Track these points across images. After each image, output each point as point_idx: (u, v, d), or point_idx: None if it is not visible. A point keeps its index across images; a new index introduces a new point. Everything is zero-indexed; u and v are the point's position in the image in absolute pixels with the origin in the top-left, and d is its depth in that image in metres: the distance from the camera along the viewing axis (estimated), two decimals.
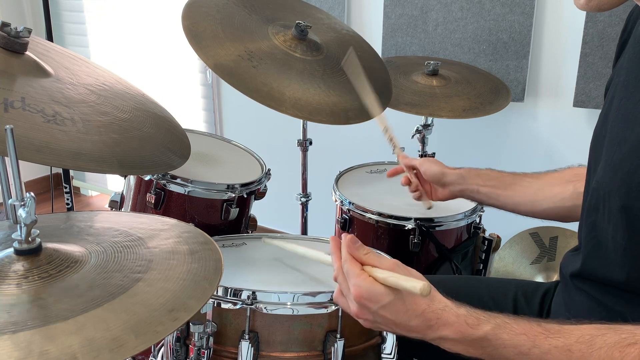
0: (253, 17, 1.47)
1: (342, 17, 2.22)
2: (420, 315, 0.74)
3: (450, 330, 0.73)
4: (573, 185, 1.09)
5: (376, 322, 0.77)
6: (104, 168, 0.96)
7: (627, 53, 0.87)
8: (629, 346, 0.65)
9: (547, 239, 2.01)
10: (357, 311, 0.77)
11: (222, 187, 1.36)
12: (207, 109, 2.77)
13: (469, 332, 0.73)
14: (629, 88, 0.82)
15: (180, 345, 0.96)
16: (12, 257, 0.71)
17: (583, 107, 1.87)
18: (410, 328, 0.75)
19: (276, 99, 1.29)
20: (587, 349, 0.68)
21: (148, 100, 1.22)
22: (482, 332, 0.73)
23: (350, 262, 0.77)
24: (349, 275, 0.77)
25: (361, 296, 0.74)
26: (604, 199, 0.82)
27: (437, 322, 0.74)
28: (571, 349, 0.68)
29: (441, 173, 1.21)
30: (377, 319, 0.76)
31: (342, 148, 2.39)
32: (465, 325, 0.73)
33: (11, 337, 0.60)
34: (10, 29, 1.01)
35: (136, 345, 0.60)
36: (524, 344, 0.71)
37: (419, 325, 0.74)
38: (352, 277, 0.76)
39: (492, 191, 1.18)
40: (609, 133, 0.83)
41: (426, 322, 0.74)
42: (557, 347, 0.69)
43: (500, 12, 1.92)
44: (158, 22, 2.78)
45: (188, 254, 0.79)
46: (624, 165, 0.77)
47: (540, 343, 0.70)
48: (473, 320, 0.73)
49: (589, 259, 0.88)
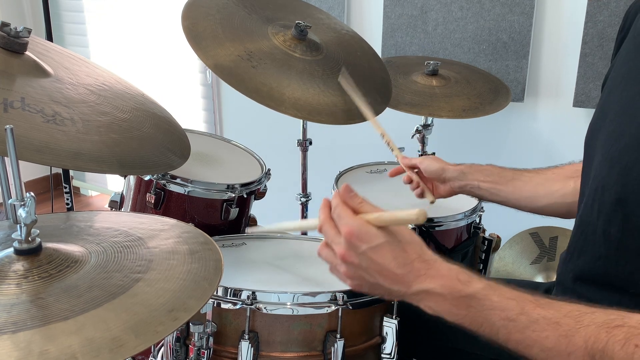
0: (253, 17, 1.47)
1: (342, 17, 2.22)
2: (409, 264, 0.72)
3: (439, 283, 0.71)
4: (574, 181, 1.09)
5: (360, 267, 0.74)
6: (104, 168, 0.96)
7: (625, 47, 0.87)
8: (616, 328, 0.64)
9: (547, 239, 2.01)
10: (344, 252, 0.74)
11: (222, 187, 1.36)
12: (207, 109, 2.77)
13: (459, 287, 0.71)
14: (627, 81, 0.81)
15: (180, 345, 0.96)
16: (12, 257, 0.71)
17: (583, 107, 1.87)
18: (395, 277, 0.72)
19: (276, 99, 1.29)
20: (575, 324, 0.66)
21: (148, 100, 1.22)
22: (472, 290, 0.71)
23: (342, 206, 0.75)
24: (340, 217, 0.74)
25: (352, 233, 0.72)
26: (597, 192, 0.81)
27: (427, 273, 0.72)
28: (559, 322, 0.67)
29: (441, 169, 1.21)
30: (363, 262, 0.73)
31: (342, 148, 2.39)
32: (456, 280, 0.71)
33: (11, 336, 0.60)
34: (10, 29, 1.01)
35: (136, 345, 0.61)
36: (513, 308, 0.69)
37: (405, 274, 0.72)
38: (343, 218, 0.73)
39: (493, 187, 1.18)
40: (607, 126, 0.83)
41: (414, 272, 0.72)
42: (546, 317, 0.68)
43: (500, 12, 1.92)
44: (158, 22, 2.78)
45: (188, 254, 0.79)
46: (622, 159, 0.76)
47: (529, 311, 0.69)
48: (465, 276, 0.72)
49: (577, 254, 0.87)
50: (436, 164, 1.22)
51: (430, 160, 1.23)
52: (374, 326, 0.97)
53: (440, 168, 1.21)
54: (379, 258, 0.72)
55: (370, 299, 0.94)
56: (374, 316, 0.97)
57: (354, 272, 0.75)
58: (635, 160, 0.74)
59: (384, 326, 0.96)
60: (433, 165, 1.22)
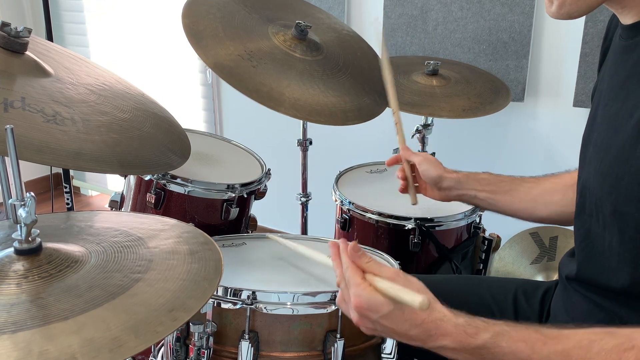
0: (253, 16, 1.46)
1: (342, 17, 2.22)
2: (419, 326, 0.75)
3: (450, 340, 0.74)
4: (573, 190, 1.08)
5: (376, 330, 0.78)
6: (104, 168, 0.96)
7: (608, 60, 0.88)
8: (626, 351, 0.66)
9: (547, 239, 2.01)
10: (357, 320, 0.78)
11: (222, 187, 1.36)
12: (207, 109, 2.77)
13: (468, 341, 0.74)
14: (611, 95, 0.83)
15: (180, 345, 0.96)
16: (12, 256, 0.71)
17: (583, 107, 1.87)
18: (410, 337, 0.76)
19: (275, 99, 1.29)
20: (585, 354, 0.68)
21: (148, 100, 1.22)
22: (480, 341, 0.73)
23: (351, 270, 0.78)
24: (349, 284, 0.77)
25: (361, 306, 0.75)
26: (597, 205, 0.83)
27: (437, 332, 0.75)
28: (570, 354, 0.69)
29: (439, 177, 1.19)
30: (378, 327, 0.77)
31: (342, 148, 2.39)
32: (464, 335, 0.74)
33: (11, 336, 0.60)
34: (10, 29, 1.01)
35: (136, 345, 0.60)
36: (523, 350, 0.71)
37: (418, 334, 0.76)
38: (352, 287, 0.77)
39: (490, 197, 1.17)
40: (595, 139, 0.85)
41: (426, 332, 0.75)
42: (556, 352, 0.70)
43: (500, 12, 1.92)
44: (158, 21, 2.78)
45: (188, 254, 0.79)
46: (612, 172, 0.78)
47: (539, 349, 0.71)
48: (472, 329, 0.74)
49: (584, 265, 0.88)
50: (434, 171, 1.20)
51: (428, 165, 1.21)
52: None
53: (437, 176, 1.19)
54: (390, 324, 0.76)
55: None
56: None
57: (373, 332, 0.79)
58: (624, 173, 0.75)
59: None
60: (431, 172, 1.20)
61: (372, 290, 0.76)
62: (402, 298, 0.73)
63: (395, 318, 0.75)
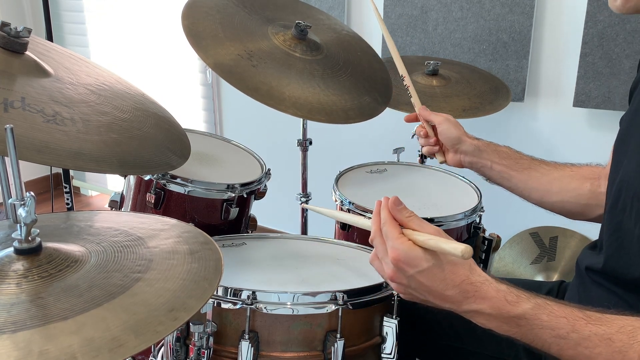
0: (253, 17, 1.47)
1: (342, 18, 2.22)
2: (457, 286, 0.72)
3: (487, 305, 0.71)
4: (590, 183, 1.07)
5: (410, 287, 0.74)
6: (104, 168, 0.96)
7: None
8: None
9: (547, 239, 2.01)
10: (392, 274, 0.74)
11: (222, 187, 1.36)
12: (207, 109, 2.77)
13: (507, 308, 0.71)
14: None
15: (180, 345, 0.95)
16: (12, 256, 0.71)
17: (583, 107, 1.87)
18: (444, 297, 0.73)
19: (275, 97, 1.29)
20: (629, 340, 0.66)
21: (148, 100, 1.22)
22: (520, 310, 0.71)
23: (390, 223, 0.75)
24: (387, 236, 0.75)
25: (399, 259, 0.72)
26: (632, 200, 0.80)
27: (475, 295, 0.72)
28: (612, 338, 0.67)
29: (458, 139, 1.16)
30: (412, 284, 0.74)
31: (342, 148, 2.39)
32: (504, 302, 0.71)
33: (11, 336, 0.60)
34: (10, 29, 1.01)
35: (136, 345, 0.60)
36: (563, 327, 0.69)
37: (454, 295, 0.72)
38: (390, 239, 0.74)
39: (506, 171, 1.13)
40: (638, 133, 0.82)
41: (463, 294, 0.72)
42: (598, 334, 0.67)
43: (500, 12, 1.92)
44: (158, 22, 2.78)
45: (188, 253, 0.79)
46: None
47: (580, 328, 0.68)
48: (513, 297, 0.71)
49: (612, 259, 0.85)
50: (454, 131, 1.16)
51: (449, 124, 1.17)
52: (374, 326, 0.97)
53: (457, 137, 1.16)
54: (427, 281, 0.73)
55: (371, 299, 0.94)
56: (374, 316, 0.97)
57: (404, 290, 0.76)
58: None
59: (384, 326, 0.96)
60: (452, 132, 1.16)
61: (411, 244, 0.73)
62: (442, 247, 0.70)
63: (433, 275, 0.72)
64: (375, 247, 0.78)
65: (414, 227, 0.75)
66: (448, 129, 1.17)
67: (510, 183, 1.14)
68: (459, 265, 0.73)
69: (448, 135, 1.17)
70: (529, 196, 1.13)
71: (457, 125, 1.18)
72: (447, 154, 1.20)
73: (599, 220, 1.02)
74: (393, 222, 0.76)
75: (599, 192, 1.04)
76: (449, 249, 0.69)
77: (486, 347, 1.05)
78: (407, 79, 1.25)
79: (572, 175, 1.10)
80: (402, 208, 0.76)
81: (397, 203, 0.76)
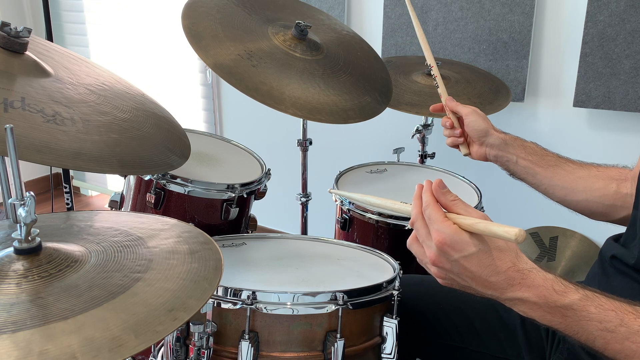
0: (253, 17, 1.47)
1: (342, 17, 2.22)
2: (504, 272, 0.70)
3: (534, 293, 0.70)
4: (616, 184, 1.05)
5: (452, 272, 0.73)
6: (104, 168, 0.96)
7: None
8: None
9: (547, 239, 2.01)
10: (435, 258, 0.72)
11: (222, 187, 1.36)
12: (207, 109, 2.77)
13: (554, 298, 0.69)
14: None
15: (180, 345, 0.95)
16: (12, 256, 0.71)
17: (583, 107, 1.87)
18: (488, 284, 0.71)
19: (275, 97, 1.29)
20: None
21: (148, 100, 1.22)
22: (568, 300, 0.69)
23: (433, 206, 0.73)
24: (431, 220, 0.72)
25: (444, 242, 0.70)
26: None
27: (522, 282, 0.70)
28: None
29: (485, 131, 1.15)
30: (455, 269, 0.72)
31: (342, 148, 2.39)
32: (552, 290, 0.70)
33: (11, 336, 0.60)
34: (10, 29, 1.01)
35: (136, 345, 0.60)
36: (612, 320, 0.68)
37: (499, 282, 0.71)
38: (435, 222, 0.72)
39: (531, 167, 1.12)
40: None
41: (508, 280, 0.70)
42: None
43: (500, 12, 1.92)
44: (158, 22, 2.78)
45: (188, 253, 0.79)
46: None
47: (629, 322, 0.68)
48: (561, 286, 0.70)
49: None
50: (482, 123, 1.15)
51: (476, 116, 1.15)
52: (374, 326, 0.97)
53: (484, 129, 1.14)
54: (472, 266, 0.71)
55: (371, 299, 0.94)
56: (374, 316, 0.97)
57: (445, 275, 0.74)
58: None
59: (384, 326, 0.96)
60: (479, 124, 1.15)
61: (457, 227, 0.70)
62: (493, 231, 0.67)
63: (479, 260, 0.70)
64: (416, 230, 0.75)
65: (459, 211, 0.73)
66: (475, 121, 1.16)
67: (535, 179, 1.13)
68: (506, 251, 0.71)
69: (475, 127, 1.16)
70: (552, 194, 1.12)
71: (484, 117, 1.17)
72: (472, 146, 1.19)
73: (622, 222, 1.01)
74: (437, 204, 0.73)
75: (624, 193, 1.03)
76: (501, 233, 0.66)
77: (488, 346, 1.05)
78: (435, 68, 1.24)
79: (598, 175, 1.08)
80: (447, 191, 0.74)
81: (442, 186, 0.74)
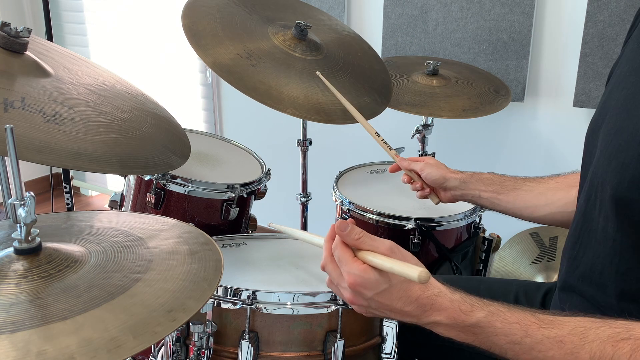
0: (253, 17, 1.47)
1: (342, 17, 2.22)
2: (415, 301, 0.75)
3: (444, 316, 0.74)
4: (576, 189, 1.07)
5: (370, 307, 0.77)
6: (104, 168, 0.96)
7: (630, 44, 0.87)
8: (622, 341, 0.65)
9: (547, 239, 2.01)
10: (351, 298, 0.77)
11: (222, 187, 1.36)
12: (207, 109, 2.77)
13: (462, 318, 0.73)
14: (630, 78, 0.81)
15: (180, 345, 0.95)
16: (12, 256, 0.71)
17: (583, 107, 1.87)
18: (404, 313, 0.76)
19: (274, 97, 1.29)
20: (580, 341, 0.67)
21: (148, 100, 1.22)
22: (474, 319, 0.73)
23: (341, 248, 0.76)
24: (341, 262, 0.76)
25: (356, 283, 0.74)
26: (597, 189, 0.81)
27: (432, 307, 0.74)
28: (563, 340, 0.68)
29: (442, 178, 1.20)
30: (372, 304, 0.76)
31: (342, 148, 2.39)
32: (459, 311, 0.74)
33: (9, 336, 0.60)
34: (10, 29, 1.01)
35: (134, 346, 0.60)
36: (516, 332, 0.71)
37: (413, 310, 0.75)
38: (344, 264, 0.75)
39: (494, 197, 1.17)
40: (607, 122, 0.82)
41: (421, 307, 0.75)
42: (549, 337, 0.69)
43: (500, 12, 1.92)
44: (158, 22, 2.78)
45: (188, 254, 0.79)
46: (619, 156, 0.76)
47: (533, 333, 0.70)
48: (467, 306, 0.74)
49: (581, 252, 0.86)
50: (437, 172, 1.20)
51: (430, 168, 1.21)
52: (374, 326, 0.97)
53: (441, 177, 1.20)
54: (386, 300, 0.75)
55: None
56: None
57: (365, 310, 0.79)
58: (632, 158, 0.73)
59: (384, 326, 0.96)
60: (434, 174, 1.20)
61: (366, 267, 0.74)
62: (398, 271, 0.72)
63: (391, 294, 0.75)
64: (329, 274, 0.80)
65: (366, 247, 0.76)
66: (430, 173, 1.21)
67: (501, 207, 1.18)
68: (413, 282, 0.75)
69: (431, 178, 1.21)
70: (520, 215, 1.16)
71: (438, 165, 1.22)
72: (438, 193, 1.25)
73: None
74: (343, 246, 0.77)
75: None
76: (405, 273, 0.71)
77: None
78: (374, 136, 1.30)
79: (557, 187, 1.12)
80: (350, 230, 0.76)
81: (343, 227, 0.76)
